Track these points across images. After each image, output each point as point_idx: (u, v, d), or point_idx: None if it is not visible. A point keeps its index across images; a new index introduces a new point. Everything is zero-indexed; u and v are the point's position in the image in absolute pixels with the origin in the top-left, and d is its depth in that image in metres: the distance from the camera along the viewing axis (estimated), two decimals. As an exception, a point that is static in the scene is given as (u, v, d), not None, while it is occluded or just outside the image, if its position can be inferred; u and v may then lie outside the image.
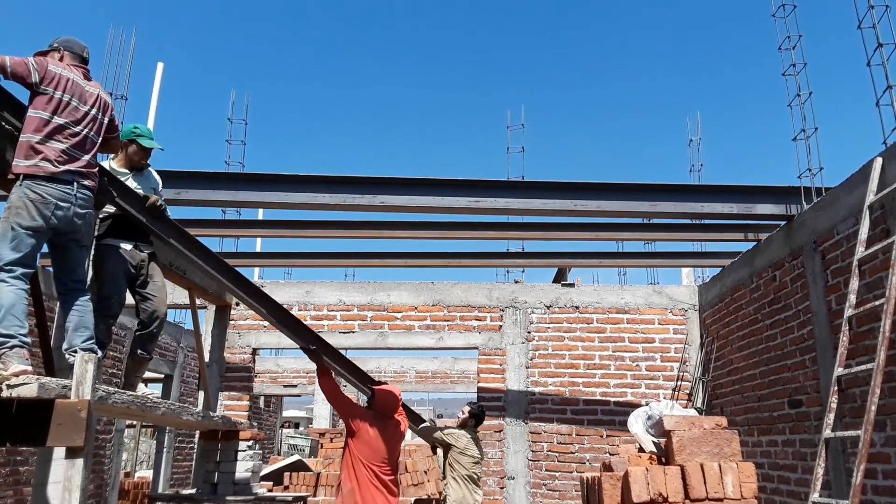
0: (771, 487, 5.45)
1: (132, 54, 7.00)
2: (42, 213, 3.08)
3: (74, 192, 3.19)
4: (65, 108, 3.25)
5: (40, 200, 3.08)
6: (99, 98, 3.45)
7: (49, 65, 3.25)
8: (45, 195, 3.09)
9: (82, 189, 3.24)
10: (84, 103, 3.34)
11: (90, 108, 3.37)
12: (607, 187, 5.64)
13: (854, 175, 4.51)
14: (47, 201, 3.09)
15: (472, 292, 7.66)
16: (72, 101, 3.28)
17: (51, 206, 3.10)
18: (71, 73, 3.34)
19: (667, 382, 7.30)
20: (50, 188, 3.11)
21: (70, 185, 3.17)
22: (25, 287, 3.10)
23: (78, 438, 2.72)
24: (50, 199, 3.10)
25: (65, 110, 3.24)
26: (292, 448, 19.02)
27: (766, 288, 5.75)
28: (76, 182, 3.20)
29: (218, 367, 6.78)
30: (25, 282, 3.11)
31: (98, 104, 3.43)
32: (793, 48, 5.62)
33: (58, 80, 3.24)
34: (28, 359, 2.97)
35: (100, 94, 3.48)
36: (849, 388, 4.32)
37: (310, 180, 5.49)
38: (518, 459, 7.12)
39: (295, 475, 8.01)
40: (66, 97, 3.26)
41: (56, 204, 3.12)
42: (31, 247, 3.10)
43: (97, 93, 3.45)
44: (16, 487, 6.27)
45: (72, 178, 3.19)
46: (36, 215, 3.07)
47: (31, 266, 3.14)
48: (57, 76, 3.25)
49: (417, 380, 15.71)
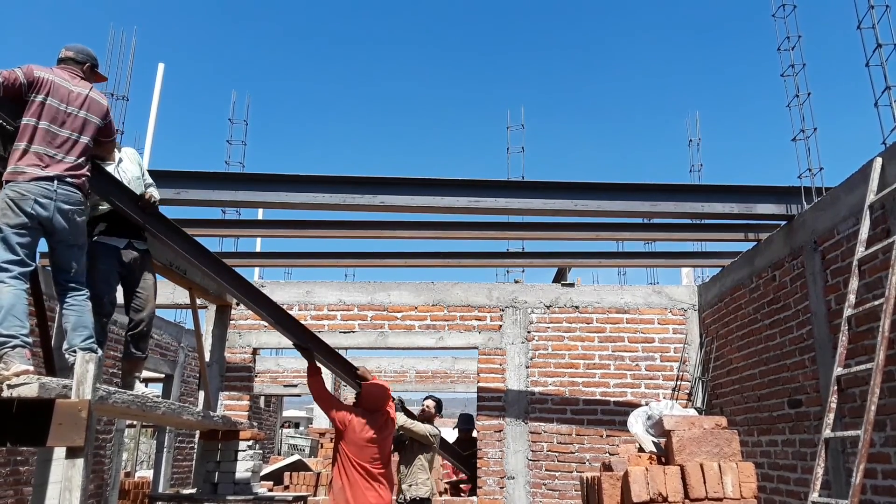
0: (770, 487, 5.46)
1: (133, 54, 7.00)
2: (22, 208, 3.13)
3: (55, 188, 3.22)
4: (48, 111, 3.29)
5: (19, 197, 3.14)
6: (87, 98, 3.46)
7: (35, 71, 3.31)
8: (24, 192, 3.15)
9: (63, 185, 3.26)
10: (69, 104, 3.37)
11: (77, 108, 3.40)
12: (607, 187, 5.64)
13: (854, 175, 4.51)
14: (26, 197, 3.14)
15: (472, 292, 7.66)
16: (55, 103, 3.32)
17: (30, 201, 3.15)
18: (54, 76, 3.38)
19: (666, 382, 7.30)
20: (30, 186, 3.17)
21: (51, 182, 3.21)
22: (24, 287, 3.11)
23: (78, 438, 2.73)
24: (28, 195, 3.15)
25: (48, 113, 3.29)
26: (292, 448, 19.01)
27: (766, 288, 5.76)
28: (56, 180, 3.24)
29: (218, 366, 6.78)
30: (24, 281, 3.12)
31: (86, 105, 3.44)
32: (792, 49, 5.62)
33: (41, 83, 3.29)
34: (30, 359, 2.98)
35: (89, 94, 3.49)
36: (848, 387, 4.32)
37: (310, 180, 5.49)
38: (518, 459, 7.13)
39: (295, 475, 8.03)
40: (50, 100, 3.30)
41: (35, 199, 3.16)
42: (23, 244, 3.13)
43: (86, 93, 3.47)
44: (16, 487, 6.27)
45: (53, 177, 3.23)
46: (18, 211, 3.13)
47: (28, 264, 3.16)
48: (41, 80, 3.30)
49: (417, 379, 15.71)
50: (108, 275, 3.97)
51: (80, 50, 3.62)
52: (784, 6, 5.71)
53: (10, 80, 3.19)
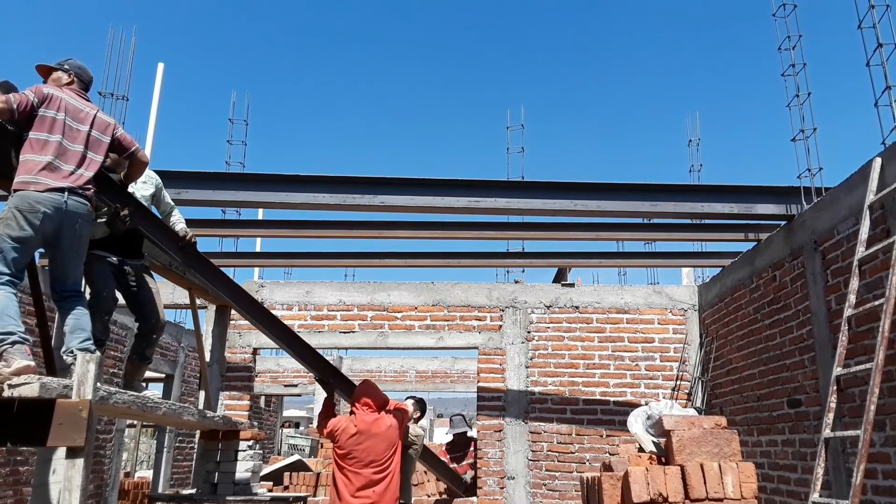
0: (771, 487, 5.46)
1: (132, 54, 7.00)
2: (30, 220, 3.15)
3: (65, 199, 3.25)
4: (60, 126, 3.35)
5: (29, 208, 3.15)
6: (96, 118, 3.54)
7: (44, 88, 3.38)
8: (34, 202, 3.16)
9: (73, 197, 3.29)
10: (80, 122, 3.44)
11: (87, 126, 3.47)
12: (607, 187, 5.63)
13: (854, 175, 4.51)
14: (35, 208, 3.16)
15: (472, 292, 7.66)
16: (66, 119, 3.39)
17: (39, 214, 3.16)
18: (65, 94, 3.46)
19: (666, 382, 7.30)
20: (41, 196, 3.18)
21: (62, 193, 3.24)
22: (13, 291, 3.13)
23: (78, 438, 2.73)
24: (38, 207, 3.16)
25: (59, 128, 3.35)
26: (292, 448, 19.00)
27: (766, 288, 5.76)
28: (67, 191, 3.27)
29: (219, 366, 6.77)
30: (14, 286, 3.14)
31: (94, 123, 3.52)
32: (792, 48, 5.62)
33: (51, 100, 3.36)
34: (30, 355, 2.99)
35: (97, 114, 3.57)
36: (848, 387, 4.32)
37: (310, 180, 5.49)
38: (518, 459, 7.12)
39: (295, 475, 8.02)
40: (61, 116, 3.37)
41: (44, 210, 3.18)
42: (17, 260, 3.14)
43: (94, 113, 3.55)
44: (16, 487, 6.27)
45: (65, 189, 3.26)
46: (25, 224, 3.14)
47: (19, 278, 3.18)
48: (51, 97, 3.37)
49: (417, 379, 15.71)
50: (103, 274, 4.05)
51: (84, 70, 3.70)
52: (784, 6, 5.71)
53: (24, 103, 3.26)
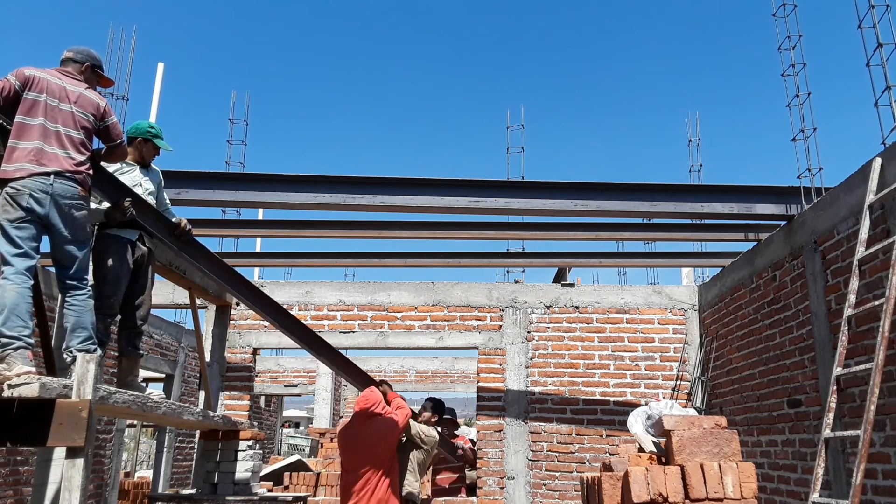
0: (771, 487, 5.46)
1: (132, 54, 6.99)
2: (19, 202, 3.16)
3: (51, 182, 3.24)
4: (41, 108, 3.31)
5: (15, 193, 3.17)
6: (80, 96, 3.47)
7: (26, 71, 3.34)
8: (19, 187, 3.18)
9: (60, 180, 3.27)
10: (61, 101, 3.38)
11: (70, 105, 3.41)
12: (607, 187, 5.63)
13: (853, 175, 4.51)
14: (21, 193, 3.17)
15: (472, 292, 7.66)
16: (47, 100, 3.34)
17: (25, 195, 3.17)
18: (47, 74, 3.40)
19: (666, 382, 7.30)
20: (26, 182, 3.19)
21: (47, 177, 3.23)
22: (28, 284, 3.12)
23: (78, 438, 2.73)
24: (24, 190, 3.18)
25: (41, 110, 3.31)
26: (292, 448, 18.99)
27: (766, 288, 5.76)
28: (53, 175, 3.26)
29: (219, 366, 6.78)
30: (28, 278, 3.13)
31: (80, 102, 3.45)
32: (792, 48, 5.62)
33: (34, 81, 3.33)
34: (32, 360, 2.99)
35: (83, 92, 3.50)
36: (848, 387, 4.32)
37: (310, 180, 5.49)
38: (518, 459, 7.12)
39: (295, 475, 8.01)
40: (42, 97, 3.32)
41: (31, 194, 3.18)
42: (23, 237, 3.15)
43: (78, 91, 3.48)
44: (16, 487, 6.27)
45: (50, 172, 3.25)
46: (15, 206, 3.16)
47: (32, 256, 3.18)
48: (33, 78, 3.33)
49: (417, 379, 15.72)
50: (118, 273, 3.97)
51: (80, 51, 3.63)
52: (784, 6, 5.71)
53: (6, 88, 3.24)
